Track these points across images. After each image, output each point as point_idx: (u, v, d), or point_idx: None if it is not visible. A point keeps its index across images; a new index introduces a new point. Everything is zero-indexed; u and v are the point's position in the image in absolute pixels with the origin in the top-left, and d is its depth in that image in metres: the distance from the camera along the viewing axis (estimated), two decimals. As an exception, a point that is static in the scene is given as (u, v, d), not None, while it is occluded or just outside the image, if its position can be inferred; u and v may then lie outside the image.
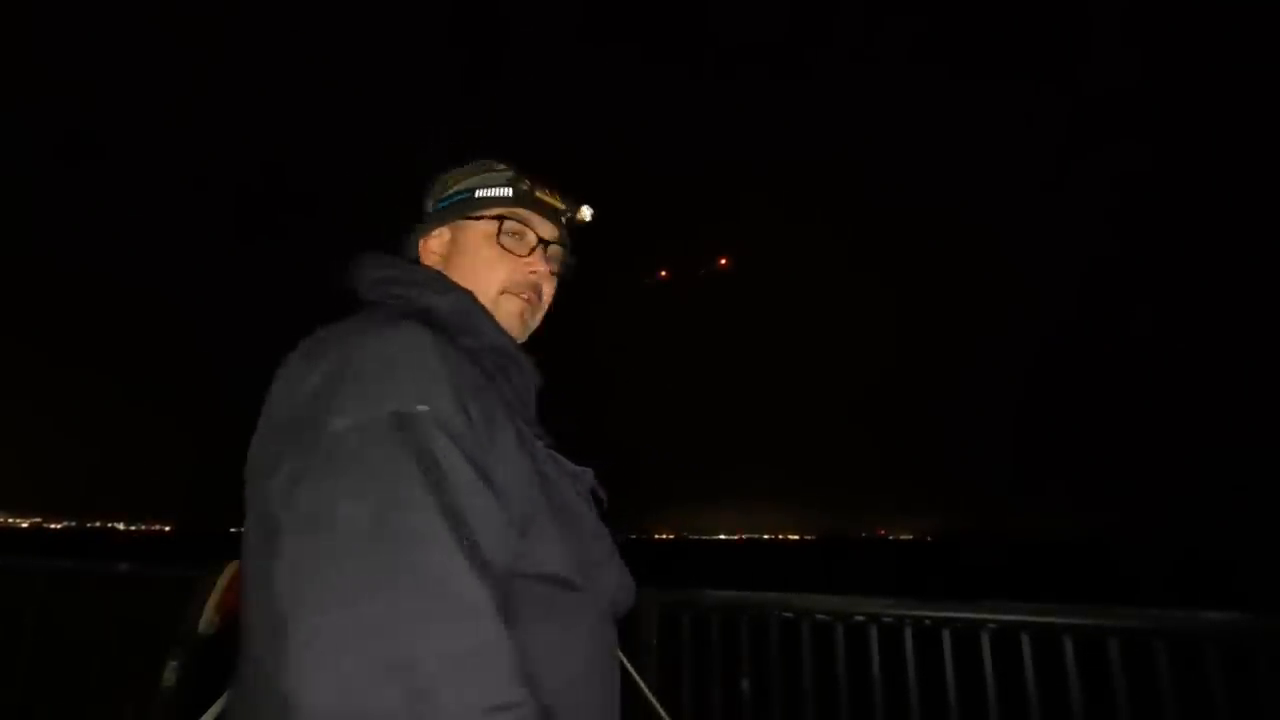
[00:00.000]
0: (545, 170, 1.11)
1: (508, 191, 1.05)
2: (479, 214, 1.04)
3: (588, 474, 0.95)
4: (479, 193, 1.06)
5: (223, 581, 1.53)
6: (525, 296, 1.04)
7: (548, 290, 1.09)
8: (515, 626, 0.69)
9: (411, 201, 1.17)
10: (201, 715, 1.40)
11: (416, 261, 1.07)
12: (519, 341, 1.04)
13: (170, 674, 1.56)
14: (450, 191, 1.08)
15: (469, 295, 0.97)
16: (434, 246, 1.07)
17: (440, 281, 0.98)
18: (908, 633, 2.20)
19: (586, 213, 1.11)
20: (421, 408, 0.70)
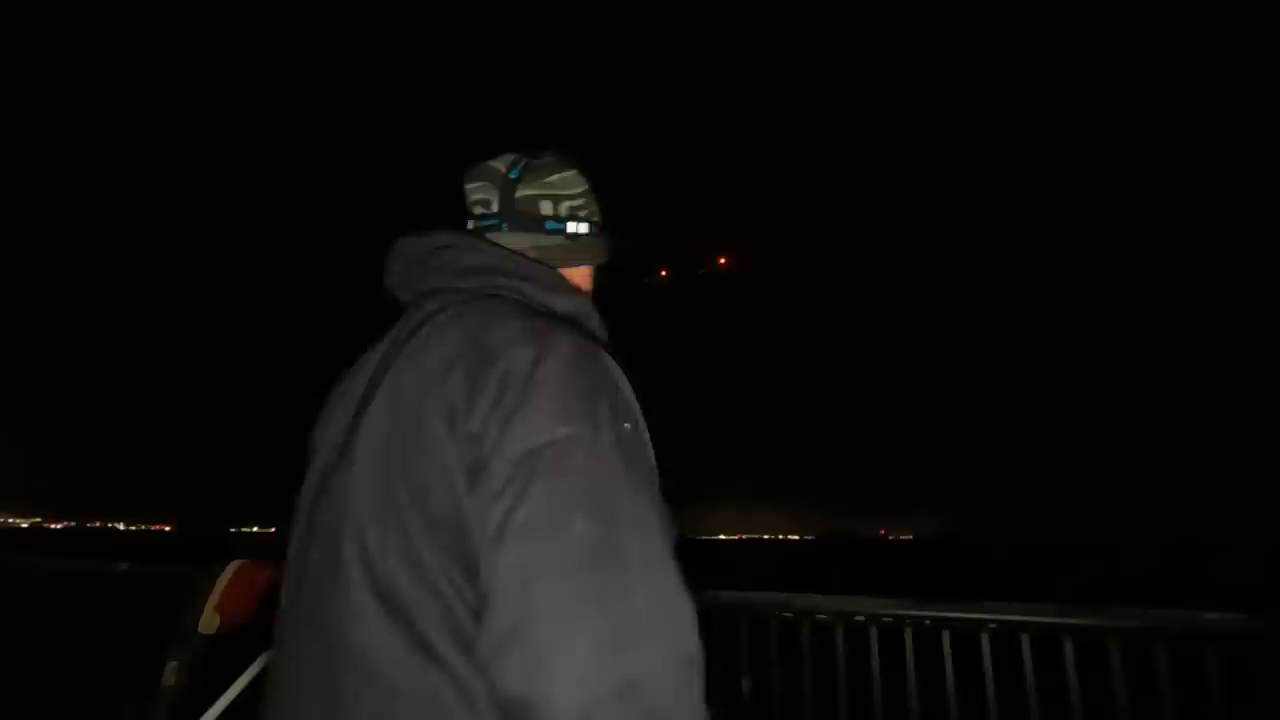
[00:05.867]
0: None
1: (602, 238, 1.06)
2: (598, 258, 1.05)
3: None
4: (599, 231, 1.05)
5: (222, 581, 1.53)
6: None
7: None
8: None
9: (435, 200, 1.18)
10: (202, 715, 1.40)
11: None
12: None
13: (170, 674, 1.56)
14: (586, 214, 1.04)
15: (588, 297, 0.99)
16: (578, 275, 1.04)
17: (561, 278, 0.94)
18: (907, 633, 2.20)
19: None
20: (626, 425, 0.74)
